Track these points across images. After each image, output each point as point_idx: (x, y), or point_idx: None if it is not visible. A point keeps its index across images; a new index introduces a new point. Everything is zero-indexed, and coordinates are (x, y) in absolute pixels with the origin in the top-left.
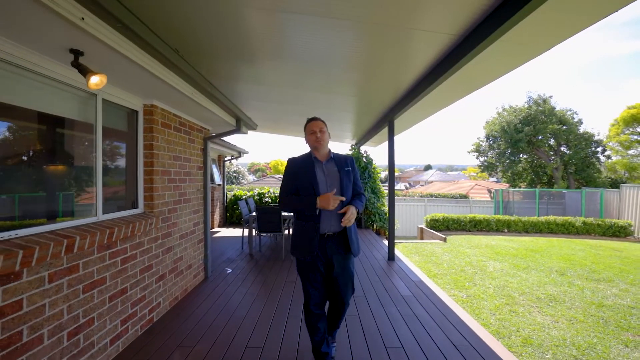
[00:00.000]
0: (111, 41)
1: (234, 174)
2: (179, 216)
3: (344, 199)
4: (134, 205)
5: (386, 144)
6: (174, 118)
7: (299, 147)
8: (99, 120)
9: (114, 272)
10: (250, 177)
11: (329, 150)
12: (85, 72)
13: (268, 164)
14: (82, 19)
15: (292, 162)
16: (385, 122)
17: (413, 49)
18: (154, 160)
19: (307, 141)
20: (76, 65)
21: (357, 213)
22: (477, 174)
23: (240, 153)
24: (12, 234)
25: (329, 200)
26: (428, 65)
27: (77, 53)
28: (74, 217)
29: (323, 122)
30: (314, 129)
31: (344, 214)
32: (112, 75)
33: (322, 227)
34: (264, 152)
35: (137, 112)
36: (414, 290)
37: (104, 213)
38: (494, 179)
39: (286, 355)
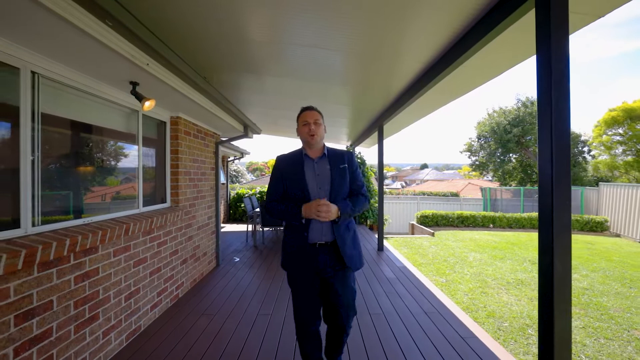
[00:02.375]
0: (161, 75)
1: (234, 173)
2: (197, 210)
3: (328, 203)
4: (163, 200)
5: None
6: (193, 126)
7: (294, 146)
8: (140, 131)
9: (152, 253)
10: (249, 176)
11: (324, 145)
12: (140, 98)
13: (266, 162)
14: (147, 64)
15: (280, 161)
16: (375, 127)
17: (397, 70)
18: (178, 162)
19: (299, 134)
20: (134, 93)
21: (339, 214)
22: (469, 172)
23: (242, 154)
24: (88, 220)
25: (312, 208)
26: (410, 80)
27: (134, 84)
28: (125, 208)
29: (319, 112)
30: (307, 120)
31: (336, 221)
32: (154, 96)
33: (312, 235)
34: (261, 151)
35: (165, 122)
36: (398, 274)
37: (143, 206)
38: (489, 177)
39: (290, 320)
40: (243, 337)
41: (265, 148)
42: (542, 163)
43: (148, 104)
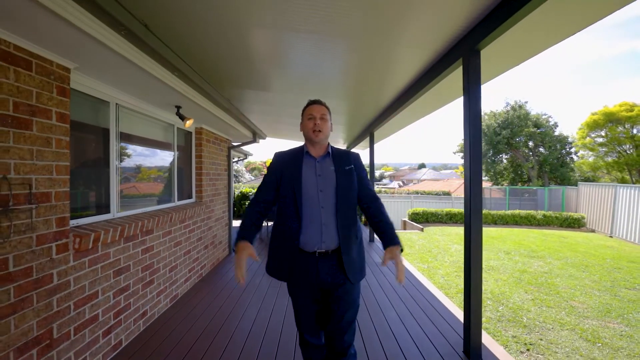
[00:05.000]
0: (198, 100)
1: (235, 173)
2: (215, 205)
3: (257, 259)
4: (190, 196)
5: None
6: (212, 135)
7: (290, 146)
8: (175, 141)
9: (185, 238)
10: (247, 176)
11: (328, 144)
12: (182, 117)
13: (264, 162)
14: (193, 96)
15: (278, 158)
16: (367, 133)
17: (382, 91)
18: (202, 165)
19: (303, 129)
20: (178, 114)
21: (401, 248)
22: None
23: (246, 155)
24: (146, 209)
25: (238, 254)
26: (391, 99)
27: (178, 107)
28: (166, 202)
29: (327, 107)
30: (313, 114)
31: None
32: (189, 115)
33: (310, 242)
34: (259, 151)
35: (191, 133)
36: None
37: (177, 200)
38: (486, 177)
39: None
40: (259, 300)
41: (262, 148)
42: (465, 176)
43: (188, 122)
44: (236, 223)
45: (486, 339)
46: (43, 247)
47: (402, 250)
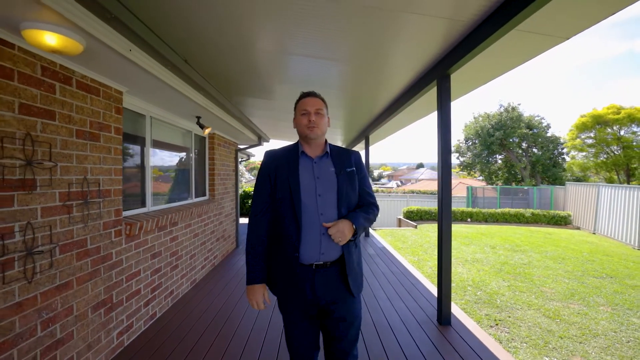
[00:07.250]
0: (215, 111)
1: None
2: (225, 202)
3: (263, 307)
4: (204, 194)
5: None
6: (222, 139)
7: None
8: (193, 145)
9: (201, 230)
10: (247, 175)
11: (326, 142)
12: (202, 126)
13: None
14: (212, 108)
15: (269, 158)
16: (363, 136)
17: (375, 100)
18: (214, 166)
19: (297, 125)
20: (199, 123)
21: (355, 231)
22: (458, 172)
23: (249, 156)
24: (171, 205)
25: (255, 297)
26: (383, 108)
27: (198, 117)
28: (185, 199)
29: (323, 100)
30: (307, 108)
31: (352, 239)
32: (207, 124)
33: (308, 253)
34: (258, 151)
35: (205, 138)
36: (378, 251)
37: (194, 198)
38: (482, 177)
39: None
40: None
41: (262, 149)
42: (438, 179)
43: (207, 131)
44: (243, 220)
45: (460, 315)
46: (106, 232)
47: (354, 237)
